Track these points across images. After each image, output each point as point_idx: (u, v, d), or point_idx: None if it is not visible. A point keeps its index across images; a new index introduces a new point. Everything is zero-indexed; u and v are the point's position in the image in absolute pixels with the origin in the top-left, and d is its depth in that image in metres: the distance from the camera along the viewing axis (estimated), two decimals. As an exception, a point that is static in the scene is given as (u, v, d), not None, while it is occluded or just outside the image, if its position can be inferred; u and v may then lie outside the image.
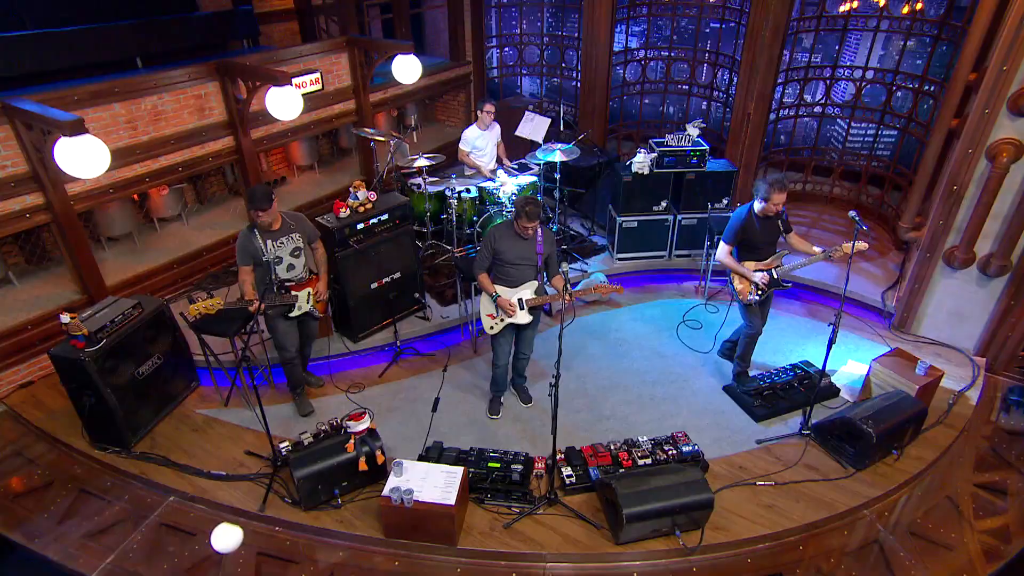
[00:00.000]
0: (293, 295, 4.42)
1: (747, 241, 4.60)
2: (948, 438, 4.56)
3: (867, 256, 6.50)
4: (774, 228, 4.60)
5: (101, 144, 4.36)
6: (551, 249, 4.36)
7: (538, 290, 4.40)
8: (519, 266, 4.30)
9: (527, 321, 4.42)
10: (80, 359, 4.11)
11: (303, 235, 4.45)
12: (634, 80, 8.51)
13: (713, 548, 3.81)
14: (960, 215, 5.07)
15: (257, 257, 4.25)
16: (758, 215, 4.50)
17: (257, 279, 4.38)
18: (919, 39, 6.83)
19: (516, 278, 4.35)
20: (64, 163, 4.29)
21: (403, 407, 4.95)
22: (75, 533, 4.03)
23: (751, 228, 4.55)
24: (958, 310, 5.41)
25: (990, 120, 4.67)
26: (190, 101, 5.85)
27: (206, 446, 4.56)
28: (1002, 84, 4.55)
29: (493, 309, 4.40)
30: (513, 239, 4.26)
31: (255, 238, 4.22)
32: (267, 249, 4.24)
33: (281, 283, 4.36)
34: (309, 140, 7.85)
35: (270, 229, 4.27)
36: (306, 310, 4.51)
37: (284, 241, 4.34)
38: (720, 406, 4.88)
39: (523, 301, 4.34)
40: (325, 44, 7.03)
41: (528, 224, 4.08)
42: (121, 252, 6.34)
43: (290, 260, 4.39)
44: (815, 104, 7.47)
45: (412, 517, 3.64)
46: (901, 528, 4.01)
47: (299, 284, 4.46)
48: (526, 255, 4.27)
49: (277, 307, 4.40)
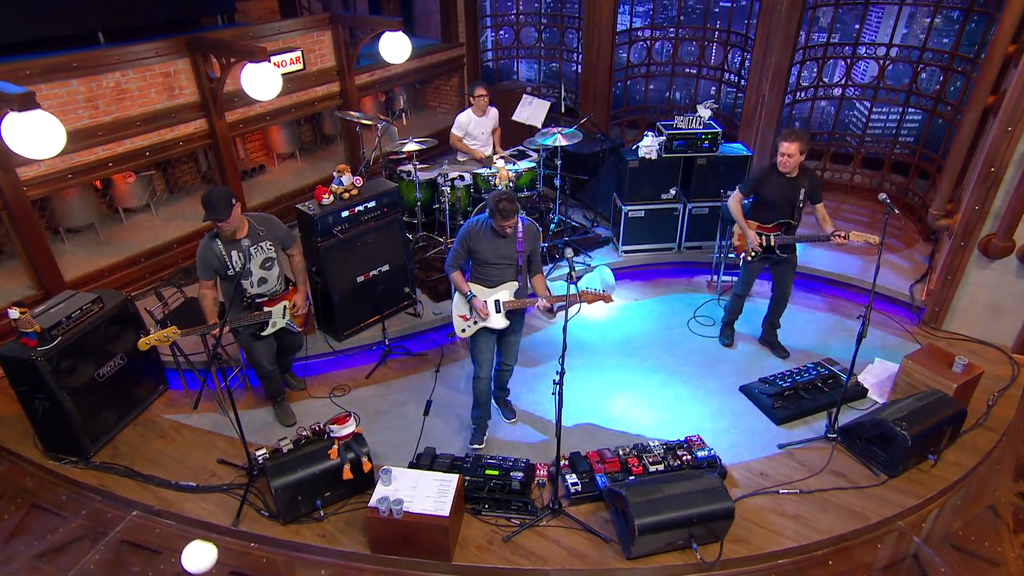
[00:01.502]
0: (266, 311, 4.14)
1: (761, 195, 4.68)
2: (989, 442, 4.41)
3: (892, 248, 6.38)
4: (793, 189, 4.61)
5: (55, 121, 4.17)
6: (533, 246, 4.10)
7: (518, 292, 4.15)
8: (497, 266, 4.04)
9: (502, 326, 4.15)
10: (31, 359, 3.92)
11: (274, 242, 4.09)
12: (639, 62, 8.38)
13: (733, 563, 3.65)
14: (998, 200, 4.94)
15: (220, 270, 3.92)
16: (779, 169, 4.56)
17: (225, 293, 4.09)
18: (946, 15, 6.73)
19: (494, 278, 4.09)
20: (13, 142, 4.09)
21: (392, 410, 4.77)
22: (25, 554, 3.84)
23: (767, 180, 4.64)
24: (995, 303, 5.28)
25: (1034, 94, 4.55)
26: (158, 79, 5.68)
27: (174, 454, 4.37)
28: (1046, 54, 4.43)
29: (466, 310, 4.15)
30: (491, 236, 3.98)
31: (216, 247, 3.86)
32: (232, 261, 3.90)
33: (251, 300, 4.08)
34: (290, 126, 7.69)
35: (234, 239, 3.91)
36: (281, 326, 4.24)
37: (253, 252, 3.99)
38: (737, 408, 4.73)
39: (499, 303, 4.10)
40: (306, 20, 6.88)
41: (504, 223, 3.81)
42: (82, 244, 6.16)
43: (261, 273, 4.06)
44: (835, 85, 7.35)
45: (402, 530, 3.47)
46: (940, 541, 3.86)
47: (272, 298, 4.18)
48: (505, 254, 4.01)
49: (247, 326, 4.15)
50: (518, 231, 3.99)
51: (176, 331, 3.78)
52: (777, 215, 4.72)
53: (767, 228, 4.75)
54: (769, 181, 4.64)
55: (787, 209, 4.69)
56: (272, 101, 6.54)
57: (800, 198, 4.63)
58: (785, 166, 4.50)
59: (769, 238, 4.74)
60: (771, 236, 4.73)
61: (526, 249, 4.05)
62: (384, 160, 6.28)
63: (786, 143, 4.43)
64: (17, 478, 4.33)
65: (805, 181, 4.61)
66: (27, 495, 4.22)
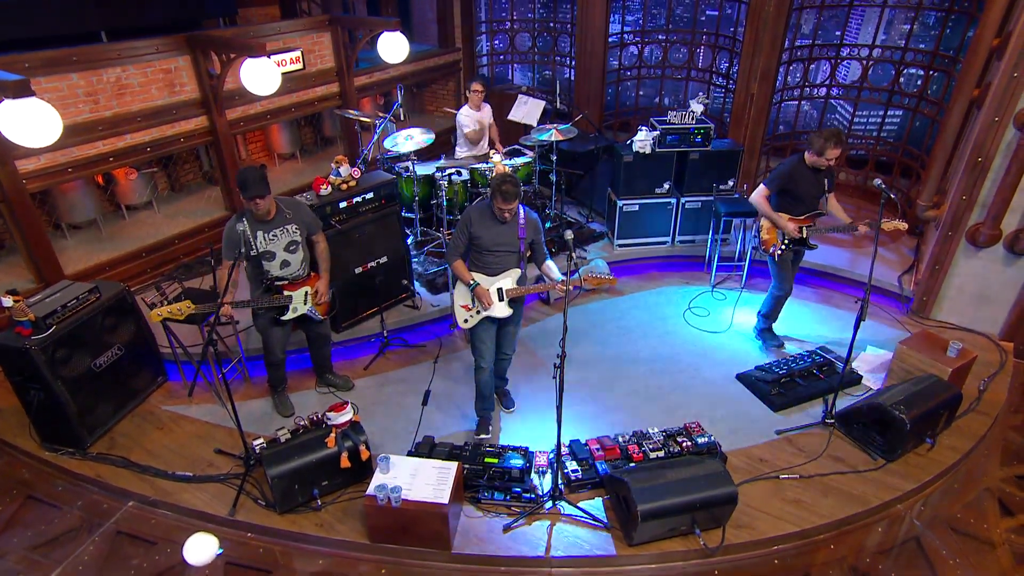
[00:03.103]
0: (286, 295, 3.93)
1: (791, 191, 4.49)
2: (982, 426, 4.23)
3: (879, 241, 6.20)
4: (820, 184, 4.49)
5: (51, 109, 3.95)
6: (535, 235, 3.88)
7: (520, 279, 3.93)
8: (498, 253, 3.80)
9: (506, 314, 3.92)
10: (25, 347, 3.68)
11: (301, 227, 3.92)
12: (630, 64, 8.21)
13: (736, 548, 3.44)
14: (985, 189, 4.78)
15: (245, 250, 3.74)
16: (808, 166, 4.39)
17: (249, 275, 3.91)
18: (923, 21, 6.60)
19: (495, 266, 3.85)
20: (7, 130, 3.87)
21: (390, 400, 4.54)
22: (18, 545, 3.58)
23: (800, 176, 4.44)
24: (982, 292, 5.11)
25: (1020, 83, 4.38)
26: (158, 75, 5.45)
27: (172, 445, 4.12)
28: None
29: (469, 300, 3.91)
30: (491, 223, 3.75)
31: (244, 227, 3.72)
32: (257, 242, 3.75)
33: (272, 282, 3.88)
34: (291, 127, 7.47)
35: (265, 219, 3.77)
36: (303, 312, 4.02)
37: (278, 233, 3.81)
38: (734, 395, 4.53)
39: (503, 291, 3.87)
40: (306, 22, 6.67)
41: (504, 206, 3.59)
42: (84, 240, 5.90)
43: (284, 256, 3.87)
44: (820, 85, 7.20)
45: (400, 518, 3.24)
46: (940, 523, 3.66)
47: (294, 283, 3.97)
48: (506, 241, 3.78)
49: (266, 309, 3.93)
50: (519, 218, 3.78)
51: (190, 305, 3.54)
52: (808, 208, 4.54)
53: (800, 221, 4.53)
54: (798, 175, 4.43)
55: (815, 201, 4.55)
56: (272, 100, 6.35)
57: (825, 189, 4.52)
58: (821, 165, 4.36)
59: (803, 230, 4.53)
60: (804, 228, 4.54)
61: (528, 237, 3.83)
62: (382, 157, 6.05)
63: (832, 150, 4.23)
64: (13, 470, 4.07)
65: (827, 172, 4.49)
66: (23, 487, 3.97)
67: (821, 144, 4.24)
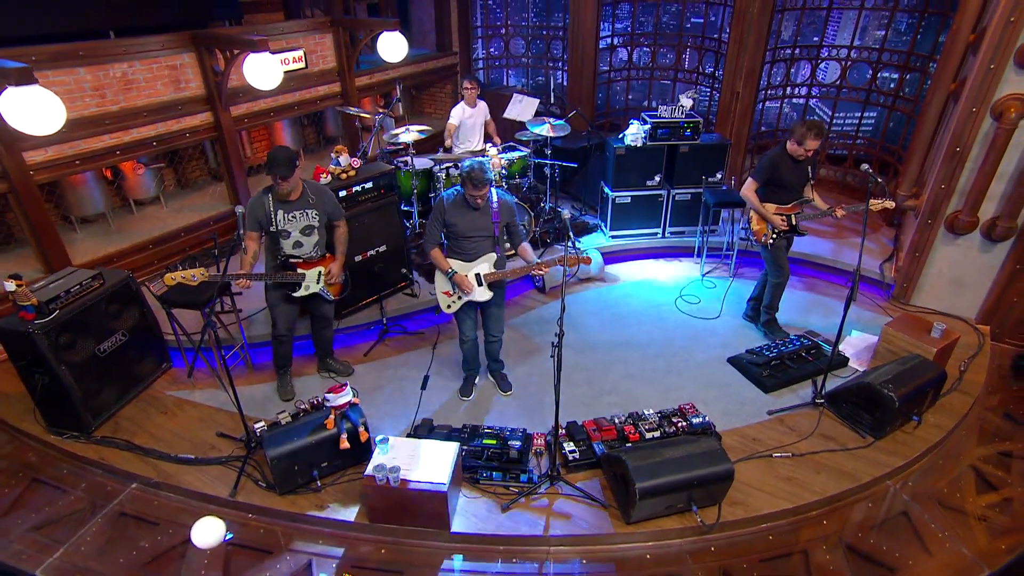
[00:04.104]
0: (300, 273, 3.77)
1: (776, 180, 4.34)
2: (964, 405, 4.08)
3: (859, 231, 6.06)
4: (804, 172, 4.34)
5: (54, 98, 3.74)
6: (510, 217, 3.74)
7: (497, 263, 3.78)
8: (474, 239, 3.68)
9: (486, 298, 3.80)
10: (28, 331, 3.47)
11: (322, 213, 3.77)
12: (620, 66, 8.03)
13: (732, 525, 3.27)
14: (963, 178, 4.62)
15: (264, 224, 3.62)
16: (790, 155, 4.25)
17: (267, 248, 3.77)
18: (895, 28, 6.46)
19: (471, 251, 3.72)
20: (11, 117, 3.66)
21: (389, 385, 4.34)
22: (21, 526, 3.37)
23: (784, 166, 4.29)
24: (959, 278, 4.96)
25: (996, 75, 4.23)
26: (164, 72, 5.23)
27: (175, 429, 3.91)
28: (1009, 36, 4.11)
29: (449, 287, 3.78)
30: (464, 209, 3.63)
31: (267, 202, 3.60)
32: (277, 219, 3.61)
33: (285, 259, 3.73)
34: (295, 127, 7.26)
35: (288, 199, 3.63)
36: (315, 291, 3.86)
37: (297, 215, 3.68)
38: (726, 378, 4.35)
39: (481, 276, 3.73)
40: (308, 23, 6.44)
41: (476, 192, 3.48)
42: (93, 233, 5.67)
43: (298, 237, 3.72)
44: (801, 84, 7.05)
45: (399, 499, 3.04)
46: (928, 499, 3.50)
47: (308, 262, 3.81)
48: (480, 226, 3.66)
49: (278, 284, 3.78)
50: (492, 203, 3.64)
51: (203, 272, 3.34)
52: (793, 195, 4.40)
53: (786, 209, 4.40)
54: (784, 166, 4.29)
55: (800, 189, 4.41)
56: (276, 98, 6.13)
57: (809, 177, 4.38)
58: (800, 156, 4.21)
59: (790, 218, 4.41)
60: (791, 216, 4.41)
61: (502, 220, 3.70)
62: (382, 151, 5.84)
63: (811, 140, 4.10)
64: (21, 454, 3.86)
65: (809, 161, 4.34)
66: (29, 470, 3.75)
67: (803, 133, 4.11)
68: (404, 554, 3.15)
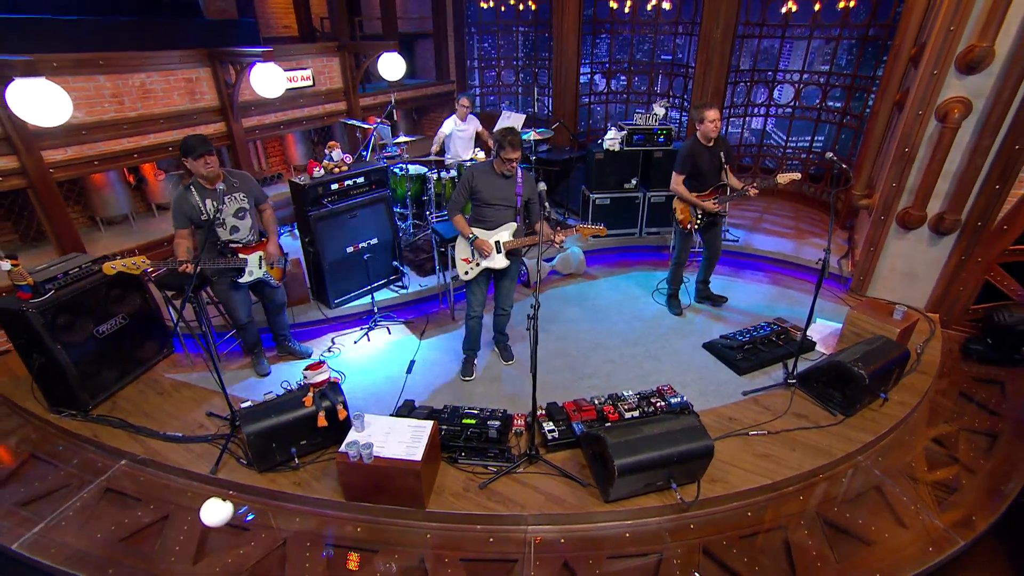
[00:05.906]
0: (241, 258, 3.35)
1: (696, 170, 3.99)
2: (924, 383, 3.63)
3: (817, 233, 5.69)
4: (717, 156, 3.99)
5: (59, 90, 3.35)
6: (532, 194, 3.36)
7: (516, 233, 3.41)
8: (497, 207, 3.32)
9: (504, 265, 3.42)
10: (22, 310, 3.02)
11: (247, 195, 3.36)
12: (600, 90, 7.71)
13: (711, 502, 2.80)
14: (911, 177, 4.24)
15: (195, 218, 3.18)
16: (702, 142, 3.97)
17: (200, 242, 3.30)
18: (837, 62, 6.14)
19: (494, 220, 3.36)
20: (18, 108, 3.26)
21: (376, 370, 3.88)
22: (8, 500, 2.89)
23: (699, 154, 3.96)
24: (910, 270, 4.54)
25: (939, 80, 3.88)
26: (180, 83, 4.85)
27: (169, 409, 3.45)
28: (950, 44, 3.76)
29: (469, 253, 3.41)
30: (492, 177, 3.29)
31: (192, 196, 3.17)
32: (206, 208, 3.17)
33: (224, 245, 3.30)
34: (305, 142, 6.89)
35: (211, 186, 3.19)
36: (259, 276, 3.43)
37: (226, 200, 3.25)
38: (702, 362, 3.90)
39: (500, 243, 3.35)
40: (317, 47, 6.11)
41: (512, 155, 3.13)
42: (116, 233, 5.28)
43: (233, 222, 3.31)
44: (761, 104, 6.71)
45: (374, 476, 2.58)
46: (898, 473, 3.04)
47: (248, 247, 3.39)
48: (505, 195, 3.30)
49: (222, 271, 3.33)
50: (518, 176, 3.28)
51: (145, 260, 2.91)
52: (711, 182, 4.06)
53: (706, 196, 4.06)
54: (698, 155, 3.97)
55: (716, 175, 4.05)
56: (285, 112, 5.77)
57: (723, 162, 4.01)
58: (713, 132, 3.87)
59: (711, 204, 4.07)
60: (712, 201, 4.06)
61: (524, 194, 3.32)
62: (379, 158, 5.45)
63: (711, 112, 3.82)
64: (24, 432, 3.39)
65: (722, 147, 4.00)
66: (28, 445, 3.28)
67: (699, 111, 3.86)
68: (380, 532, 2.68)
